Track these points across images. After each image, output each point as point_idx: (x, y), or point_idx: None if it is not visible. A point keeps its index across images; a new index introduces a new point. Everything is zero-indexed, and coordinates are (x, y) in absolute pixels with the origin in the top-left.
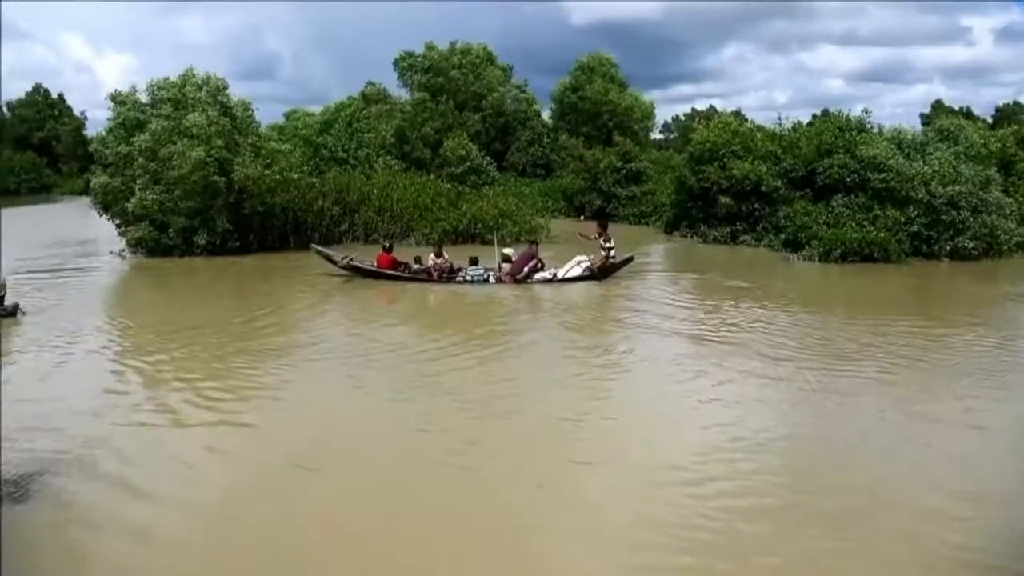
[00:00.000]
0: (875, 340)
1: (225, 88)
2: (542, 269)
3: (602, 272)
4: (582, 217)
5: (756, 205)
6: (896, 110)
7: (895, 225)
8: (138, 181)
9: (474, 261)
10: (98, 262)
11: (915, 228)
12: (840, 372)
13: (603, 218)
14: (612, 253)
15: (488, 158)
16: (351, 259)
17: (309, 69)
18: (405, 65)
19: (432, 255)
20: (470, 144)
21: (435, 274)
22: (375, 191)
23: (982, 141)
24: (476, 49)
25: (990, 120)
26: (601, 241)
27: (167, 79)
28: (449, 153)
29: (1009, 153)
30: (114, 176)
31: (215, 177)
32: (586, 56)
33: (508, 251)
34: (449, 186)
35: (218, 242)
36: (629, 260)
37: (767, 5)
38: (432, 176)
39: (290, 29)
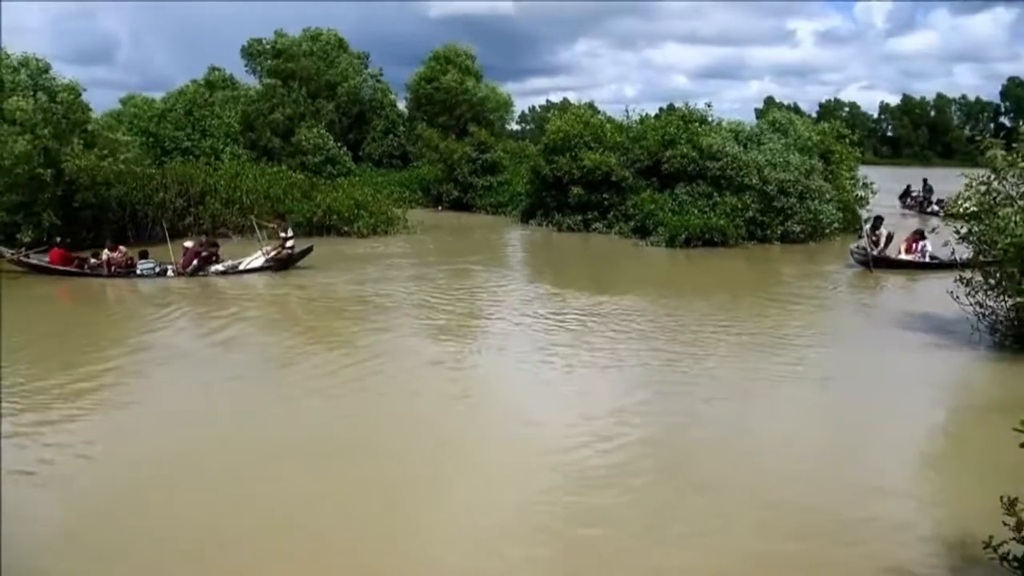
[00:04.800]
0: (713, 320)
1: (47, 70)
2: (217, 262)
3: (281, 263)
4: (439, 207)
5: (606, 194)
6: (734, 105)
7: (733, 211)
8: None
9: (144, 255)
10: None
11: (751, 214)
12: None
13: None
14: (290, 244)
15: (344, 148)
16: (22, 254)
17: (149, 52)
18: (254, 51)
19: (106, 250)
20: (325, 133)
21: (110, 269)
22: (222, 182)
23: (808, 134)
24: (328, 35)
25: (815, 115)
26: (280, 232)
27: None
28: (304, 142)
29: (828, 145)
30: None
31: (40, 169)
32: (441, 47)
33: (189, 244)
34: (302, 176)
35: (44, 239)
36: (308, 251)
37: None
38: (284, 167)
39: (126, 8)
